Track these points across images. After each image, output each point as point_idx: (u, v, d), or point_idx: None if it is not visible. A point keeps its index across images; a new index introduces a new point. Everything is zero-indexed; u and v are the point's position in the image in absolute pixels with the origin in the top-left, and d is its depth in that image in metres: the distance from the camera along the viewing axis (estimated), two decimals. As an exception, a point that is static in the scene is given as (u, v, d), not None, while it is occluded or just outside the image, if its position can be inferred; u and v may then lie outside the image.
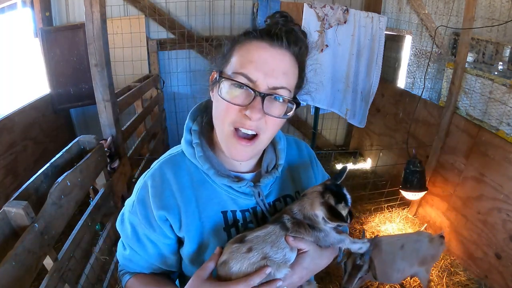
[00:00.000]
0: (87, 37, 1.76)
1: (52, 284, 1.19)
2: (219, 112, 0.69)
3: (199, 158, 0.74)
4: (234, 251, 0.67)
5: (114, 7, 3.27)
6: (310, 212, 0.71)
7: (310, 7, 2.43)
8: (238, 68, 0.65)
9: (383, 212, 2.98)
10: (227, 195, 0.76)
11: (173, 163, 0.77)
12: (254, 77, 0.64)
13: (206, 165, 0.74)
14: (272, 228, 0.70)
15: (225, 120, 0.68)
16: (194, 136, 0.77)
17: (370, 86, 2.79)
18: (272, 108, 0.67)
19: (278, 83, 0.65)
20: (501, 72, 2.36)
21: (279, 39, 0.65)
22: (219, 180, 0.74)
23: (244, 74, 0.65)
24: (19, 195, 1.16)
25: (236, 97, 0.66)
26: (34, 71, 3.16)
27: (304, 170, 0.89)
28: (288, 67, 0.67)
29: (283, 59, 0.66)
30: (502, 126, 2.18)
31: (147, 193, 0.74)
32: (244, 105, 0.65)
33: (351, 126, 4.09)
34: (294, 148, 0.91)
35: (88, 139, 1.68)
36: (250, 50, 0.66)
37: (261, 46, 0.65)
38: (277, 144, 0.83)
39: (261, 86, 0.65)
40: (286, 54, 0.67)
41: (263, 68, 0.64)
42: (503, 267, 2.11)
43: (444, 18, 2.79)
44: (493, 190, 2.18)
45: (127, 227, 0.77)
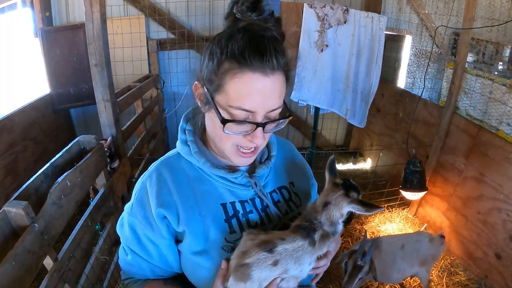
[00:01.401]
0: (87, 37, 1.76)
1: (52, 284, 1.19)
2: (219, 135, 0.72)
3: (195, 154, 0.77)
4: (261, 260, 0.66)
5: (114, 7, 3.27)
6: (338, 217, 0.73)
7: (310, 7, 2.43)
8: (235, 102, 0.66)
9: (383, 212, 2.98)
10: (224, 188, 0.78)
11: (169, 163, 0.80)
12: (253, 108, 0.66)
13: (202, 159, 0.77)
14: (301, 244, 0.69)
15: (227, 143, 0.72)
16: (189, 135, 0.80)
17: (370, 86, 2.78)
18: (269, 127, 0.71)
19: (274, 106, 0.68)
20: (501, 72, 2.36)
21: (271, 62, 0.64)
22: (215, 172, 0.76)
23: (242, 108, 0.66)
24: (19, 195, 1.16)
25: (239, 129, 0.69)
26: (34, 71, 3.16)
27: (296, 163, 0.93)
28: (281, 88, 0.69)
29: (275, 84, 0.67)
30: (502, 126, 2.18)
31: (145, 194, 0.75)
32: (247, 132, 0.70)
33: (351, 126, 4.09)
34: (287, 145, 0.95)
35: (88, 139, 1.68)
36: (245, 83, 0.64)
37: (254, 78, 0.64)
38: None
39: (259, 116, 0.67)
40: (278, 76, 0.67)
41: (260, 99, 0.66)
42: (503, 267, 2.11)
43: (444, 18, 2.79)
44: (493, 190, 2.18)
45: (127, 230, 0.77)
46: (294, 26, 2.45)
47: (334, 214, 0.73)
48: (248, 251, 0.67)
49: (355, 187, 0.75)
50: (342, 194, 0.73)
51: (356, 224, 2.83)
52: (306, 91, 2.62)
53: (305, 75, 2.57)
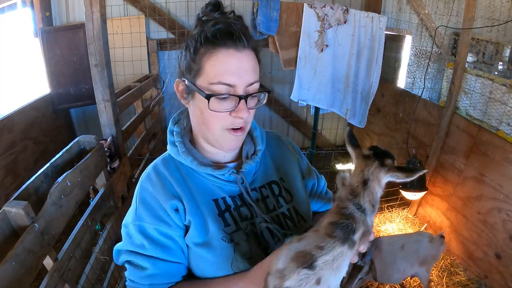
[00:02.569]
0: (87, 37, 1.76)
1: (52, 284, 1.19)
2: (206, 120, 0.75)
3: (182, 153, 0.79)
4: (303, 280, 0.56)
5: (114, 7, 3.27)
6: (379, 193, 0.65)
7: (310, 7, 2.43)
8: (214, 78, 0.71)
9: (383, 212, 2.98)
10: (213, 184, 0.80)
11: (163, 163, 0.82)
12: (232, 82, 0.71)
13: (189, 158, 0.79)
14: (340, 250, 0.59)
15: (216, 126, 0.75)
16: (176, 136, 0.83)
17: (370, 86, 2.78)
18: (252, 102, 0.75)
19: (252, 79, 0.73)
20: (501, 72, 2.36)
21: (241, 40, 0.71)
22: (202, 169, 0.79)
23: (222, 82, 0.71)
24: (19, 195, 1.16)
25: (224, 105, 0.72)
26: (34, 71, 3.16)
27: (285, 157, 0.93)
28: (254, 63, 0.74)
29: (249, 59, 0.73)
30: (502, 126, 2.18)
31: (149, 194, 0.77)
32: (232, 109, 0.73)
33: (351, 126, 4.09)
34: (274, 139, 0.96)
35: (88, 139, 1.68)
36: (221, 59, 0.71)
37: (229, 54, 0.71)
38: (253, 132, 0.89)
39: (239, 89, 0.71)
40: (249, 53, 0.73)
41: (237, 72, 0.71)
42: (503, 267, 2.11)
43: (444, 18, 2.79)
44: (493, 190, 2.18)
45: (139, 239, 0.75)
46: (294, 26, 2.44)
47: (376, 191, 0.64)
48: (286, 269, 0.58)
49: (387, 153, 0.67)
50: (378, 166, 0.65)
51: (356, 224, 2.83)
52: (306, 91, 2.62)
53: (305, 75, 2.56)
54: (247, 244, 0.76)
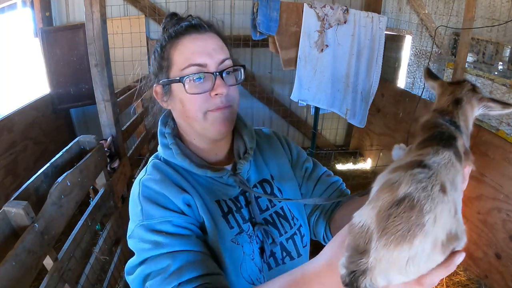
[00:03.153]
0: (87, 37, 1.76)
1: (52, 284, 1.19)
2: (189, 110, 0.73)
3: (177, 156, 0.76)
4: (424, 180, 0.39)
5: (114, 7, 3.27)
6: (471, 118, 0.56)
7: (310, 7, 2.43)
8: (184, 63, 0.72)
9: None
10: (214, 186, 0.78)
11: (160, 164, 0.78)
12: (202, 61, 0.72)
13: (186, 160, 0.76)
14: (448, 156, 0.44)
15: (198, 112, 0.72)
16: (169, 138, 0.80)
17: (370, 86, 2.78)
18: (230, 79, 0.75)
19: (222, 56, 0.74)
20: (501, 72, 2.36)
21: (201, 26, 0.74)
22: (201, 172, 0.76)
23: (192, 64, 0.71)
24: (19, 195, 1.16)
25: (199, 87, 0.72)
26: (34, 71, 3.16)
27: (272, 151, 0.91)
28: (220, 43, 0.76)
29: (213, 39, 0.75)
30: (502, 126, 2.18)
31: (154, 191, 0.70)
32: (210, 89, 0.72)
33: (351, 126, 4.09)
34: (261, 135, 0.93)
35: (88, 139, 1.68)
36: (186, 45, 0.73)
37: (193, 38, 0.73)
38: (243, 130, 0.86)
39: (211, 66, 0.72)
40: (213, 35, 0.75)
41: (205, 51, 0.72)
42: (503, 267, 2.11)
43: (444, 18, 2.79)
44: (493, 190, 2.18)
45: (153, 239, 0.65)
46: (294, 26, 2.45)
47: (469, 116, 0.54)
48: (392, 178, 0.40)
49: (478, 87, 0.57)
50: (472, 89, 0.56)
51: (356, 224, 2.83)
52: (306, 91, 2.62)
53: (305, 75, 2.57)
54: (250, 246, 0.75)
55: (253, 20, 2.34)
